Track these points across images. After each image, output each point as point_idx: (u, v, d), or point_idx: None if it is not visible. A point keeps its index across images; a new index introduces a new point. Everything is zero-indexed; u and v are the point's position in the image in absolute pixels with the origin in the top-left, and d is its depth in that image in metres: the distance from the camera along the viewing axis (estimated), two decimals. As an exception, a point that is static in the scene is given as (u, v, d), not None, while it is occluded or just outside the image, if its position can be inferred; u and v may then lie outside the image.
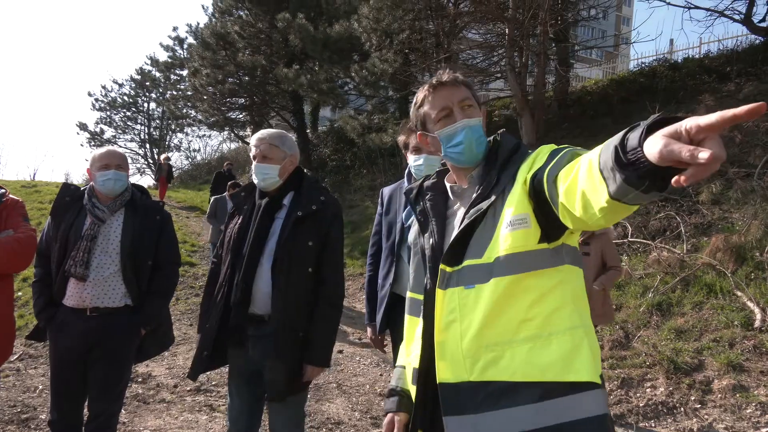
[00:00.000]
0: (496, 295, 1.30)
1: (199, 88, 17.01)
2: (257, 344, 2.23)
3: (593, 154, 1.04)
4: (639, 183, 0.91)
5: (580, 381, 1.26)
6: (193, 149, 29.76)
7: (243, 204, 2.39)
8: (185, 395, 4.47)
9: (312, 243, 2.23)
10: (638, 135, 0.89)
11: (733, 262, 5.69)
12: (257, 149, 2.28)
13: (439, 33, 12.82)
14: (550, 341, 1.28)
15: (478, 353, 1.31)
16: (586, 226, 1.16)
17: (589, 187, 1.03)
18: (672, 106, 9.93)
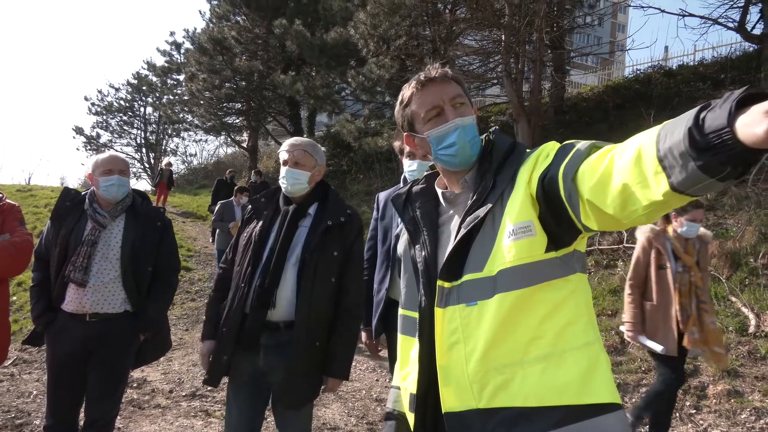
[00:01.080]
0: (503, 311, 1.17)
1: (195, 93, 17.04)
2: (269, 353, 2.21)
3: (641, 141, 0.93)
4: (719, 169, 0.80)
5: (601, 402, 1.14)
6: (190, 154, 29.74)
7: (263, 209, 2.37)
8: (181, 400, 4.46)
9: (337, 253, 2.24)
10: (726, 114, 0.77)
11: (727, 268, 5.73)
12: (290, 154, 2.28)
13: (436, 39, 12.89)
14: (564, 359, 1.15)
15: (486, 377, 1.18)
16: (617, 225, 1.04)
17: (636, 179, 0.91)
18: (667, 112, 10.00)
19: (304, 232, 2.25)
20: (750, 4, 10.18)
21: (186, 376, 5.07)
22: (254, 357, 2.24)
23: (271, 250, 2.21)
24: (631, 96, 11.69)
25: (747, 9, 10.19)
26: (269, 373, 2.26)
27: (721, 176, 0.81)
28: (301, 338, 2.15)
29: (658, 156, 0.87)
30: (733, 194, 6.66)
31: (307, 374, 2.19)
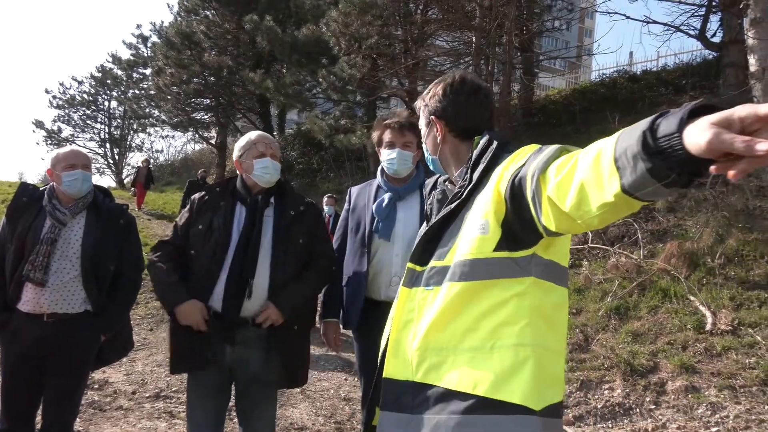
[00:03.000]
0: (447, 299, 1.27)
1: (162, 88, 16.68)
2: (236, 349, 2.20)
3: (604, 142, 0.96)
4: (665, 174, 0.83)
5: (511, 402, 1.19)
6: (156, 150, 29.05)
7: (219, 200, 2.34)
8: (144, 402, 4.36)
9: (303, 240, 2.31)
10: (677, 121, 0.81)
11: (686, 267, 5.91)
12: (268, 147, 2.33)
13: (408, 39, 12.93)
14: (491, 354, 1.23)
15: (424, 355, 1.30)
16: (573, 225, 1.08)
17: (593, 178, 0.95)
18: (631, 116, 10.27)
19: (269, 222, 2.27)
20: (710, 13, 10.53)
21: (150, 377, 4.96)
22: (221, 353, 2.20)
23: (243, 240, 2.20)
24: (598, 99, 11.96)
25: (707, 18, 10.54)
26: (235, 369, 2.23)
27: (667, 182, 0.84)
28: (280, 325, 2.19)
29: (615, 156, 0.90)
30: (693, 197, 6.88)
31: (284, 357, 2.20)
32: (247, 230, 2.22)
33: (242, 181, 2.37)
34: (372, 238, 2.54)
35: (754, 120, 0.73)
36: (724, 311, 5.09)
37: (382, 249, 2.51)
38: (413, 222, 2.50)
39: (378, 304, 2.49)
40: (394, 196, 2.54)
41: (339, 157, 14.01)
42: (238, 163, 2.36)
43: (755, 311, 4.98)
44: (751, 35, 6.80)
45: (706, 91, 10.14)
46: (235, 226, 2.26)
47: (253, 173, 2.31)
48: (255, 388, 2.24)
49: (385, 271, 2.48)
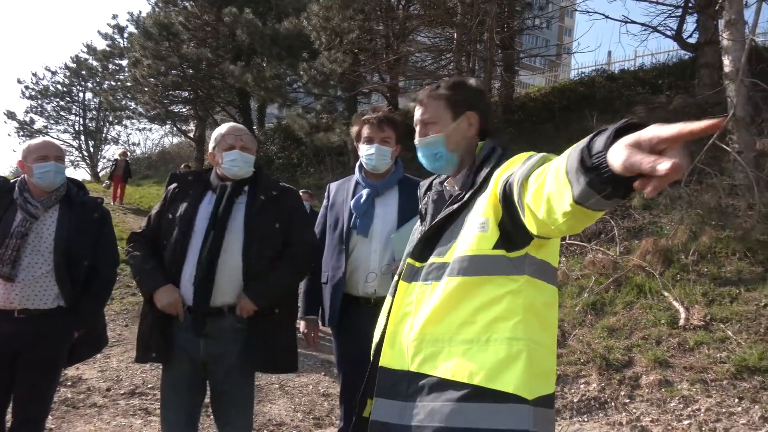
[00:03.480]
0: (445, 293, 1.34)
1: (139, 79, 16.37)
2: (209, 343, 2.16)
3: (561, 157, 1.03)
4: (601, 188, 0.90)
5: (504, 391, 1.26)
6: (133, 143, 28.42)
7: (190, 189, 2.33)
8: (119, 399, 4.29)
9: (279, 225, 2.27)
10: (604, 139, 0.88)
11: (661, 264, 6.03)
12: (238, 138, 2.29)
13: (389, 35, 12.91)
14: (486, 347, 1.29)
15: (420, 346, 1.36)
16: (549, 231, 1.15)
17: (555, 190, 1.02)
18: (609, 115, 10.41)
19: (241, 208, 2.25)
20: (687, 15, 10.71)
21: (125, 374, 4.88)
22: (193, 347, 2.17)
23: (209, 228, 2.18)
24: (577, 98, 12.09)
25: (684, 19, 10.72)
26: (209, 364, 2.19)
27: (605, 194, 0.91)
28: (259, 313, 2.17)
29: (566, 170, 0.98)
30: (668, 194, 7.01)
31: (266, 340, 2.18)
32: (212, 216, 2.20)
33: (216, 173, 2.35)
34: (350, 235, 2.52)
35: (658, 141, 0.78)
36: (697, 307, 5.20)
37: (359, 245, 2.50)
38: (391, 218, 2.49)
39: (356, 300, 2.48)
40: (372, 192, 2.53)
41: (319, 152, 13.93)
42: (212, 156, 2.36)
43: (727, 307, 5.10)
44: (725, 36, 6.93)
45: (682, 91, 10.33)
46: (201, 214, 2.23)
47: (222, 166, 2.29)
48: (231, 385, 2.21)
49: (363, 267, 2.47)
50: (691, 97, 9.76)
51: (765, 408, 3.84)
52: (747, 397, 4.00)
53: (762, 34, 10.70)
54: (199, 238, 2.18)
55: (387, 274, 2.44)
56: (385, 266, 2.45)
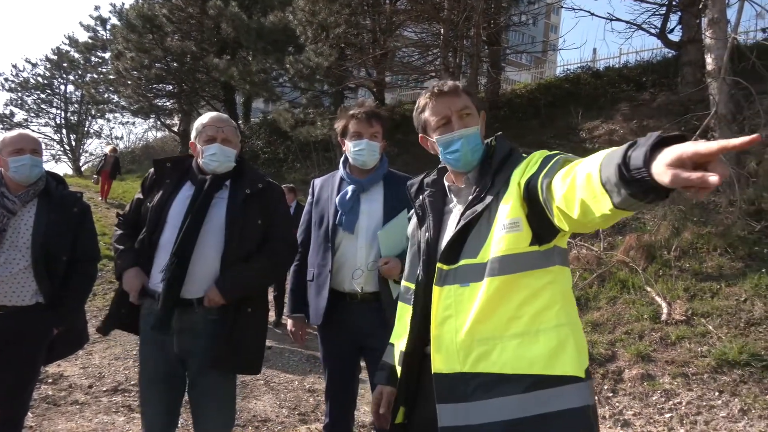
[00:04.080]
0: (489, 293, 1.38)
1: (122, 72, 16.14)
2: (184, 338, 2.12)
3: (590, 167, 1.11)
4: (644, 196, 1.00)
5: (565, 375, 1.35)
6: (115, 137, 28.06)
7: (166, 177, 2.26)
8: (101, 396, 4.24)
9: (261, 221, 2.21)
10: (642, 156, 0.96)
11: (644, 259, 6.10)
12: (219, 130, 2.20)
13: (376, 29, 12.87)
14: (537, 337, 1.37)
15: (471, 347, 1.39)
16: (584, 228, 1.25)
17: (589, 197, 1.11)
18: (594, 111, 10.49)
19: (223, 204, 2.18)
20: (671, 13, 10.82)
21: (107, 370, 4.83)
22: (168, 343, 2.13)
23: (183, 222, 2.10)
24: (562, 94, 12.16)
25: (668, 17, 10.82)
26: (185, 359, 2.16)
27: (648, 200, 1.01)
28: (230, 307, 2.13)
29: (602, 181, 1.06)
30: (651, 191, 7.09)
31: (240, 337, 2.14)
32: (188, 210, 2.13)
33: (197, 163, 2.28)
34: (336, 232, 2.49)
35: (699, 158, 0.87)
36: (679, 302, 5.27)
37: (345, 242, 2.48)
38: (377, 214, 2.47)
39: (342, 296, 2.47)
40: (357, 189, 2.50)
41: (305, 147, 13.84)
42: (193, 146, 2.27)
43: (708, 302, 5.17)
44: (708, 35, 7.01)
45: (665, 89, 10.43)
46: (176, 206, 2.17)
47: (202, 159, 2.22)
48: (208, 381, 2.16)
49: (349, 264, 2.45)
50: (675, 95, 9.86)
51: (744, 401, 3.91)
52: (727, 391, 4.07)
53: (744, 33, 10.85)
54: (173, 230, 2.12)
55: (373, 271, 2.43)
56: (371, 263, 2.43)
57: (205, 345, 2.12)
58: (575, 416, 1.34)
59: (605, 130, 9.73)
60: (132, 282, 2.15)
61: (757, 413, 3.77)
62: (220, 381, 2.19)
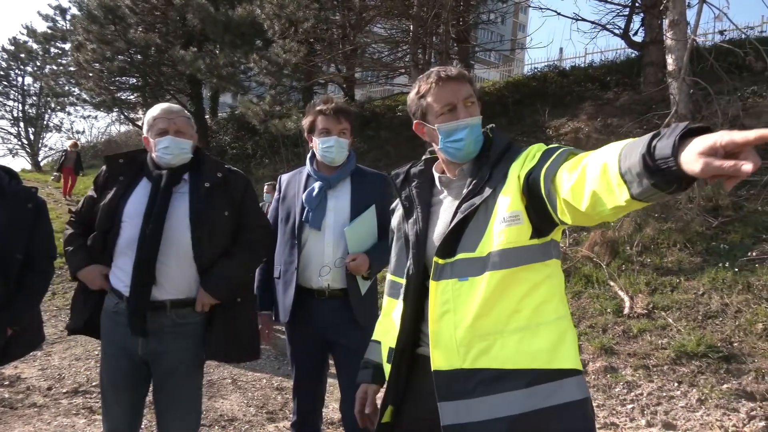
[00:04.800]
0: (490, 287, 1.35)
1: (83, 64, 15.59)
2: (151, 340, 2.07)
3: (606, 157, 1.10)
4: (667, 187, 0.99)
5: (565, 368, 1.35)
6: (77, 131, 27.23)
7: (119, 174, 2.18)
8: (60, 398, 4.11)
9: (228, 213, 2.14)
10: (671, 146, 0.96)
11: (608, 255, 6.25)
12: (171, 122, 2.10)
13: (345, 25, 12.79)
14: (538, 331, 1.36)
15: (472, 342, 1.36)
16: (589, 220, 1.25)
17: (603, 188, 1.10)
18: (560, 109, 10.67)
19: (184, 198, 2.10)
20: (633, 14, 11.08)
21: (67, 372, 4.68)
22: (132, 344, 2.07)
23: (144, 223, 2.03)
24: (529, 93, 12.32)
25: (631, 18, 11.08)
26: (151, 362, 2.11)
27: (670, 191, 1.00)
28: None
29: (620, 172, 1.05)
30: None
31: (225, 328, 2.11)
32: (148, 210, 2.06)
33: (151, 157, 2.20)
34: (302, 229, 2.47)
35: (734, 146, 0.88)
36: (641, 296, 5.42)
37: (312, 239, 2.46)
38: (344, 210, 2.46)
39: (310, 293, 2.45)
40: (324, 185, 2.48)
41: (274, 143, 13.68)
42: (146, 140, 2.19)
43: (668, 295, 5.33)
44: (669, 36, 7.20)
45: (629, 88, 10.68)
46: (133, 204, 2.10)
47: (155, 154, 2.14)
48: (173, 385, 2.11)
49: (316, 261, 2.43)
50: (637, 94, 10.11)
51: (702, 391, 4.04)
52: (685, 381, 4.20)
53: (702, 35, 11.17)
54: (133, 229, 2.06)
55: (341, 268, 2.41)
56: (339, 260, 2.42)
57: (175, 348, 2.07)
58: (577, 409, 1.34)
59: (571, 128, 9.90)
60: (94, 278, 2.11)
61: (714, 402, 3.91)
62: (186, 383, 2.14)
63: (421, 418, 1.49)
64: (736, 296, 5.00)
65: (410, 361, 1.53)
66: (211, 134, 17.17)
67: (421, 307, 1.52)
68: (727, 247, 5.74)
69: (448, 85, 1.49)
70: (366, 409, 1.61)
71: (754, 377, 4.09)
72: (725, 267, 5.37)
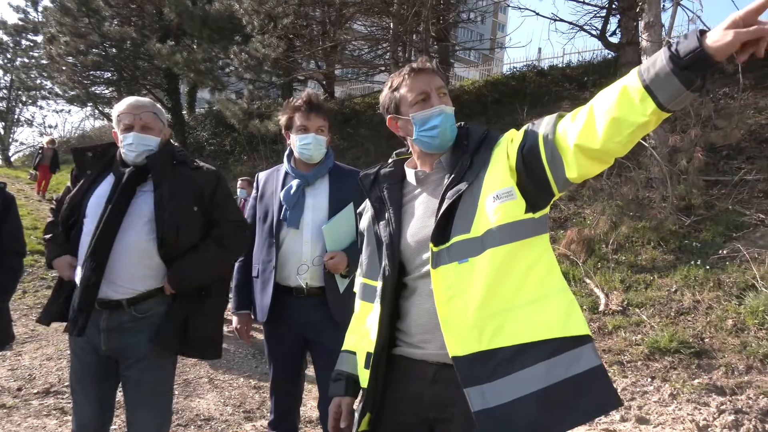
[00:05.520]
0: (495, 265, 1.34)
1: (56, 58, 15.26)
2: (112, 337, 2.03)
3: (624, 81, 1.20)
4: (693, 81, 1.10)
5: (580, 334, 1.35)
6: (49, 125, 26.53)
7: (87, 167, 2.13)
8: (31, 399, 4.01)
9: (197, 208, 2.09)
10: (695, 39, 1.10)
11: (584, 253, 6.34)
12: (136, 117, 2.04)
13: (325, 21, 12.73)
14: (547, 302, 1.35)
15: (484, 323, 1.34)
16: (601, 161, 1.28)
17: (624, 109, 1.19)
18: (538, 109, 10.77)
19: (148, 196, 2.05)
20: (610, 15, 11.23)
21: (38, 372, 4.57)
22: (96, 340, 2.04)
23: (99, 219, 1.98)
24: (508, 92, 12.43)
25: (608, 19, 11.23)
26: (116, 357, 2.07)
27: (694, 87, 1.11)
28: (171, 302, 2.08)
29: (644, 85, 1.16)
30: (590, 186, 7.36)
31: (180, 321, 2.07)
32: (104, 209, 2.00)
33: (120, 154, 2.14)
34: (280, 227, 2.45)
35: (750, 15, 1.06)
36: (616, 293, 5.51)
37: (290, 237, 2.44)
38: (322, 208, 2.44)
39: (289, 291, 2.43)
40: (302, 183, 2.46)
41: (253, 139, 13.56)
42: (115, 135, 2.13)
43: (642, 292, 5.43)
44: (644, 37, 7.33)
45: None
46: (95, 199, 2.05)
47: (121, 150, 2.09)
48: (139, 375, 2.07)
49: (295, 259, 2.41)
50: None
51: (674, 386, 4.13)
52: (658, 377, 4.29)
53: (677, 38, 11.38)
54: (91, 226, 2.01)
55: (319, 266, 2.40)
56: (317, 258, 2.40)
57: (136, 344, 2.03)
58: (600, 375, 1.33)
59: (549, 127, 10.02)
60: (63, 268, 2.09)
61: (686, 397, 4.00)
62: (153, 375, 2.09)
63: (405, 422, 1.47)
64: (707, 293, 5.12)
65: (387, 364, 1.50)
66: (188, 130, 16.93)
67: (396, 305, 1.51)
68: (699, 245, 5.87)
69: (420, 76, 1.51)
70: (342, 423, 1.55)
71: (724, 372, 4.19)
72: (697, 265, 5.50)
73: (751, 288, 5.00)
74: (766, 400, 3.80)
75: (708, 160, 7.10)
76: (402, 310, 1.51)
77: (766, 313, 4.59)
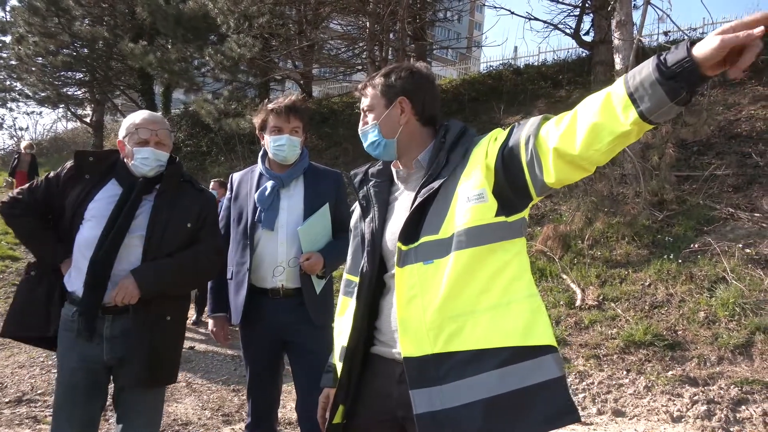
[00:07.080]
0: (458, 268, 1.32)
1: (24, 58, 14.88)
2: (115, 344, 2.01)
3: (609, 89, 1.18)
4: (679, 92, 1.07)
5: (541, 345, 1.32)
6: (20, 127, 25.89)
7: (86, 171, 2.12)
8: (3, 408, 3.91)
9: (191, 225, 2.12)
10: (685, 50, 1.06)
11: (560, 248, 6.42)
12: (153, 133, 2.07)
13: (302, 20, 12.66)
14: (510, 309, 1.32)
15: (442, 325, 1.32)
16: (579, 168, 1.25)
17: (605, 116, 1.16)
18: (514, 107, 10.88)
19: (147, 207, 2.07)
20: (584, 14, 11.39)
21: (10, 380, 4.46)
22: (93, 351, 2.01)
23: (109, 225, 1.99)
24: (485, 90, 12.52)
25: (581, 18, 11.39)
26: (115, 368, 2.04)
27: (678, 99, 1.08)
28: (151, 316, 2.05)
29: (629, 93, 1.13)
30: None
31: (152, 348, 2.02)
32: (114, 214, 2.01)
33: (124, 163, 2.15)
34: (255, 229, 2.43)
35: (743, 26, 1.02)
36: (591, 288, 5.60)
37: (265, 238, 2.42)
38: (297, 210, 2.43)
39: (264, 292, 2.41)
40: (277, 184, 2.45)
41: (230, 140, 13.41)
42: (121, 144, 2.13)
43: (617, 287, 5.52)
44: (617, 36, 7.45)
45: (580, 86, 10.99)
46: (98, 204, 2.05)
47: (132, 162, 2.10)
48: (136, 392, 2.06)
49: (269, 261, 2.40)
50: (588, 92, 10.36)
51: (649, 378, 4.21)
52: (633, 369, 4.37)
53: (648, 36, 11.60)
54: (93, 229, 2.00)
55: (295, 268, 2.39)
56: (292, 259, 2.39)
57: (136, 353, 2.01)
58: (556, 387, 1.30)
59: (525, 125, 10.13)
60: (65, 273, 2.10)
61: (660, 389, 4.08)
62: (149, 393, 2.10)
63: (378, 419, 1.48)
64: (680, 286, 5.23)
65: (363, 360, 1.51)
66: (163, 131, 16.64)
67: (375, 303, 1.51)
68: (672, 240, 6.00)
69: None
70: (328, 413, 1.56)
71: (697, 363, 4.29)
72: (670, 259, 5.61)
73: (721, 280, 5.12)
74: (737, 389, 3.91)
75: (679, 156, 7.26)
76: (379, 308, 1.52)
77: (736, 305, 4.71)
